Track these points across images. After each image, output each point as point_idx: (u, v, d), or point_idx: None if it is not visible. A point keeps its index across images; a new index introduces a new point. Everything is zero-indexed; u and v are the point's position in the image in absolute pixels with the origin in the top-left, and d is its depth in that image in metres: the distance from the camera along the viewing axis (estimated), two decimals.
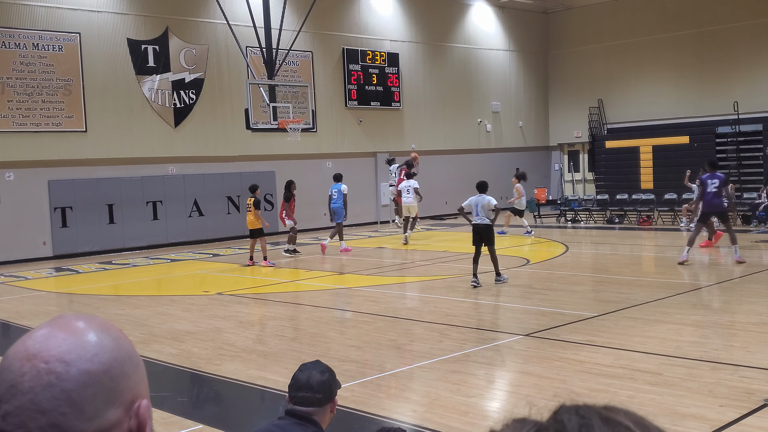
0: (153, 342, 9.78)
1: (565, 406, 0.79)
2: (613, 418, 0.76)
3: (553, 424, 0.76)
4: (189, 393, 8.13)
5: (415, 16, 28.69)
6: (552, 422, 0.77)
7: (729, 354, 8.01)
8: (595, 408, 0.78)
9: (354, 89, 26.71)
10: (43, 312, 12.57)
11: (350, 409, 6.56)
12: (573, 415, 0.77)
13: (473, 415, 6.47)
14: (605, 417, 0.76)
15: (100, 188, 21.15)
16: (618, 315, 10.25)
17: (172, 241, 22.33)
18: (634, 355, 8.06)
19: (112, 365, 1.05)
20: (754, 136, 26.02)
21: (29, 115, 20.14)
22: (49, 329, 1.06)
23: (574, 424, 0.75)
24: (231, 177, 23.59)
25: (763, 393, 6.59)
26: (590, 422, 0.75)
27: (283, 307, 12.63)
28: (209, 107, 23.30)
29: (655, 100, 29.48)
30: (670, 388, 6.84)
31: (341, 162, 26.29)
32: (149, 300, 13.46)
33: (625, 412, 0.78)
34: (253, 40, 20.78)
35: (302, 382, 3.43)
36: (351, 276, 15.43)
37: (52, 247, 20.47)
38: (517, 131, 32.51)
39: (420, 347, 9.00)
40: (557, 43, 33.06)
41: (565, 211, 25.80)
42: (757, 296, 11.54)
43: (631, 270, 15.03)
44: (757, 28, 26.94)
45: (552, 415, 0.78)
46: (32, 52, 20.15)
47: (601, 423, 0.75)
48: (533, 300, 11.90)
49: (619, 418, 0.76)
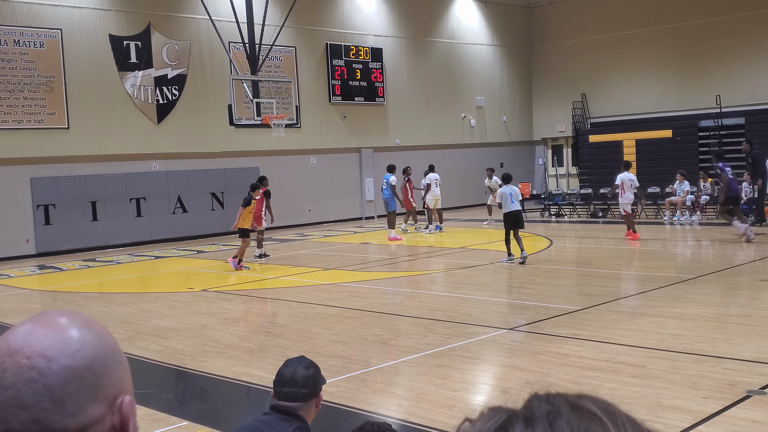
0: (137, 339, 9.75)
1: (536, 394, 0.81)
2: (582, 405, 0.78)
3: (523, 412, 0.79)
4: (174, 390, 8.11)
5: (398, 11, 28.67)
6: (522, 410, 0.79)
7: (712, 346, 8.07)
8: (565, 396, 0.80)
9: (338, 84, 26.67)
10: (26, 310, 12.50)
11: (336, 404, 6.57)
12: (543, 402, 0.79)
13: (458, 409, 6.49)
14: (574, 404, 0.78)
15: (83, 185, 21.02)
16: (602, 308, 10.31)
17: (156, 238, 22.24)
18: (617, 348, 8.10)
19: (94, 361, 1.05)
20: (737, 130, 26.20)
21: (11, 112, 19.98)
22: (32, 325, 1.06)
23: (543, 410, 0.77)
24: (215, 173, 23.52)
25: (745, 384, 6.65)
26: (558, 409, 0.77)
27: (268, 304, 12.62)
28: (192, 103, 23.20)
29: (638, 94, 29.63)
30: (654, 381, 6.89)
31: (325, 158, 26.28)
32: (133, 297, 13.40)
33: (594, 399, 0.80)
34: (236, 36, 20.70)
35: (287, 378, 3.43)
36: (336, 272, 15.43)
37: (35, 244, 20.34)
38: (501, 126, 32.57)
39: (405, 342, 9.02)
40: (540, 37, 33.14)
41: (549, 206, 25.90)
42: (740, 289, 11.64)
43: (615, 264, 15.11)
44: (738, 22, 27.11)
45: (525, 403, 0.81)
46: (13, 48, 19.98)
47: (569, 409, 0.77)
48: (517, 294, 11.94)
49: (587, 405, 0.78)
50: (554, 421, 0.76)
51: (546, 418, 0.76)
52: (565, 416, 0.76)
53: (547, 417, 0.76)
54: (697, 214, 21.78)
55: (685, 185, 22.12)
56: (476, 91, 31.47)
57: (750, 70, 26.86)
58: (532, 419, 0.76)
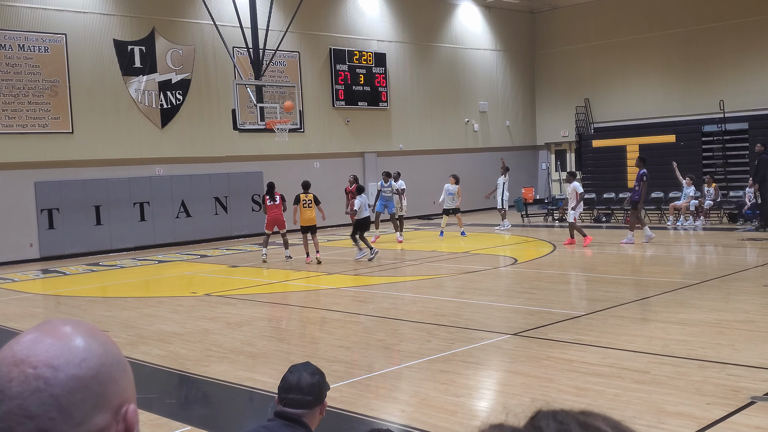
0: (140, 344, 9.75)
1: (542, 412, 0.79)
2: (591, 424, 0.76)
3: (531, 430, 0.76)
4: (177, 395, 8.10)
5: (402, 16, 28.70)
6: (530, 428, 0.77)
7: (716, 352, 8.05)
8: (572, 413, 0.78)
9: (341, 89, 26.70)
10: (30, 314, 12.51)
11: (339, 410, 6.56)
12: (551, 420, 0.77)
13: (462, 415, 6.48)
14: (583, 422, 0.76)
15: (87, 189, 21.05)
16: (605, 314, 10.29)
17: (160, 243, 22.26)
18: (621, 354, 8.09)
19: (100, 370, 1.05)
20: (740, 135, 26.17)
21: (15, 117, 20.03)
22: (37, 334, 1.06)
23: (552, 429, 0.75)
24: (218, 177, 23.54)
25: (749, 390, 6.63)
26: (568, 428, 0.75)
27: (272, 308, 12.62)
28: (196, 108, 23.24)
29: (642, 99, 29.62)
30: (658, 387, 6.87)
31: (329, 162, 26.30)
32: (137, 301, 13.41)
33: (602, 417, 0.77)
34: (240, 41, 20.74)
35: (292, 384, 3.43)
36: (339, 276, 15.43)
37: (39, 248, 20.37)
38: (505, 131, 32.57)
39: (408, 347, 9.01)
40: (544, 42, 33.15)
41: (553, 210, 25.87)
42: (744, 294, 11.61)
43: (619, 269, 15.09)
44: (742, 27, 27.10)
45: (529, 421, 0.78)
46: (18, 53, 20.04)
47: (579, 428, 0.75)
48: (521, 299, 11.93)
49: (596, 423, 0.76)
50: None
51: None
52: None
53: None
54: (701, 219, 21.75)
55: (691, 190, 22.12)
56: (479, 95, 31.48)
57: (753, 75, 26.84)
58: None
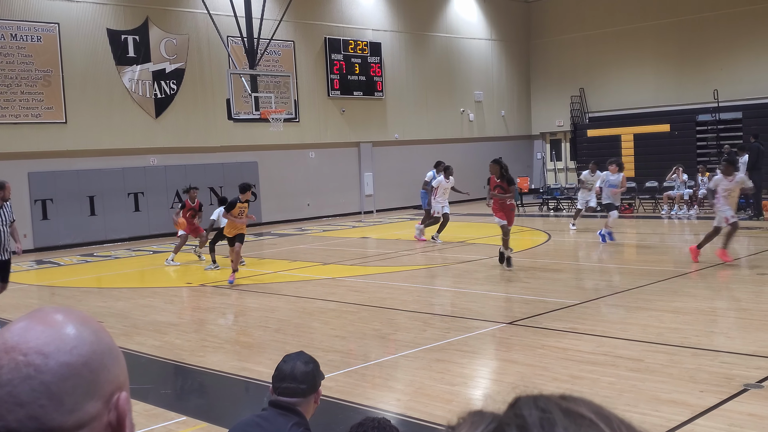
0: (135, 334, 9.75)
1: (523, 399, 0.77)
2: (574, 410, 0.75)
3: (514, 419, 0.74)
4: (172, 385, 8.11)
5: (397, 5, 28.62)
6: (512, 417, 0.75)
7: (709, 340, 8.09)
8: (554, 399, 0.76)
9: (336, 79, 26.64)
10: (24, 305, 12.49)
11: (334, 399, 6.57)
12: (533, 408, 0.75)
13: (457, 404, 6.50)
14: (566, 408, 0.75)
15: (81, 180, 20.99)
16: (600, 302, 10.32)
17: (154, 233, 22.22)
18: (615, 342, 8.11)
19: (91, 358, 1.04)
20: (734, 124, 26.21)
21: (8, 107, 19.94)
22: (28, 322, 1.06)
23: (535, 418, 0.74)
24: (213, 168, 23.49)
25: (743, 378, 6.66)
26: (551, 416, 0.74)
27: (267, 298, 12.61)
28: (190, 97, 23.16)
29: (636, 89, 29.62)
30: (652, 374, 6.90)
31: (324, 152, 26.26)
32: (131, 292, 13.40)
33: (585, 402, 0.76)
34: (235, 30, 20.66)
35: (286, 373, 3.44)
36: (335, 266, 15.43)
37: (32, 239, 20.31)
38: (500, 120, 32.55)
39: (404, 336, 9.02)
40: (539, 32, 33.10)
41: (548, 200, 25.89)
42: (737, 282, 11.65)
43: (613, 258, 15.12)
44: (736, 16, 27.09)
45: (511, 409, 0.76)
46: (10, 42, 19.94)
47: (563, 416, 0.74)
48: (516, 288, 11.95)
49: (580, 409, 0.75)
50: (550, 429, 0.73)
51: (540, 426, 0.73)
52: (560, 423, 0.73)
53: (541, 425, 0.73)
54: (695, 208, 21.80)
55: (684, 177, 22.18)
56: (475, 85, 31.44)
57: (747, 64, 26.85)
58: (526, 427, 0.73)
